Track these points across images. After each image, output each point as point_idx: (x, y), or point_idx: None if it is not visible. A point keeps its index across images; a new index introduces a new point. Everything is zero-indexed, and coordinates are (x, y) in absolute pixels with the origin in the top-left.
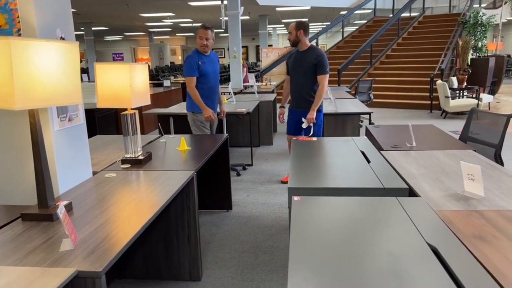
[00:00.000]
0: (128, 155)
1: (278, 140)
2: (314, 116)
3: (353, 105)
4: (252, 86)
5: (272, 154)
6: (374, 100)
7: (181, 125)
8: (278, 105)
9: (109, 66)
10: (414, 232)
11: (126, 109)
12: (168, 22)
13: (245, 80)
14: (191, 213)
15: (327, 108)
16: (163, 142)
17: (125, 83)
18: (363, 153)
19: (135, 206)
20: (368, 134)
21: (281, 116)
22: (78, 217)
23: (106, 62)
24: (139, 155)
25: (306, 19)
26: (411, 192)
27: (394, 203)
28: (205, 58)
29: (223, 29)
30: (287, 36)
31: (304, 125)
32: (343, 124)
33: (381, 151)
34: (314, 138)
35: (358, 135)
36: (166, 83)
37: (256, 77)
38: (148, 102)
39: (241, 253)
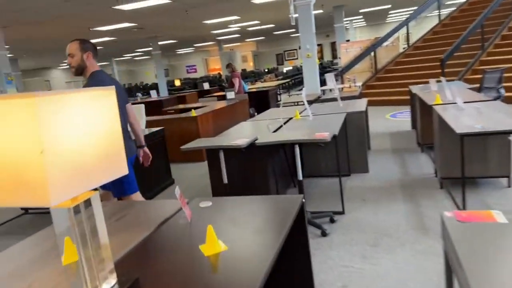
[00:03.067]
0: None
1: (375, 162)
2: None
3: (503, 113)
4: (332, 90)
5: (370, 188)
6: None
7: (243, 161)
8: (371, 111)
9: None
10: None
11: None
12: (234, 27)
13: (239, 91)
14: None
15: (465, 123)
16: (182, 226)
17: (28, 146)
18: None
19: None
20: None
21: None
22: None
23: None
24: None
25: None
26: None
27: None
28: None
29: (293, 24)
30: (365, 29)
31: None
32: (485, 147)
33: None
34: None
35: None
36: (230, 95)
37: (335, 76)
38: (112, 177)
39: None
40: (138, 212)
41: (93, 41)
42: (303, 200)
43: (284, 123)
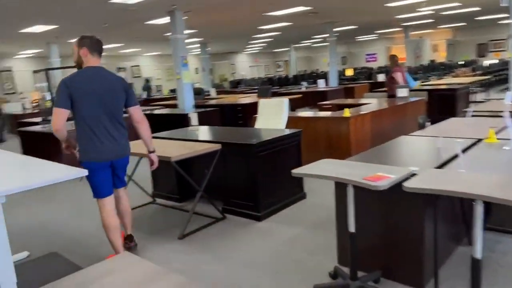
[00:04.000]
0: None
1: None
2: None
3: None
4: None
5: None
6: None
7: (383, 202)
8: None
9: None
10: None
11: None
12: (425, 10)
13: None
14: None
15: None
16: None
17: None
18: None
19: None
20: None
21: None
22: None
23: None
24: None
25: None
26: None
27: None
28: None
29: (504, 6)
30: None
31: None
32: None
33: None
34: None
35: None
36: (401, 92)
37: None
38: None
39: None
40: None
41: (267, 26)
42: None
43: (465, 150)
